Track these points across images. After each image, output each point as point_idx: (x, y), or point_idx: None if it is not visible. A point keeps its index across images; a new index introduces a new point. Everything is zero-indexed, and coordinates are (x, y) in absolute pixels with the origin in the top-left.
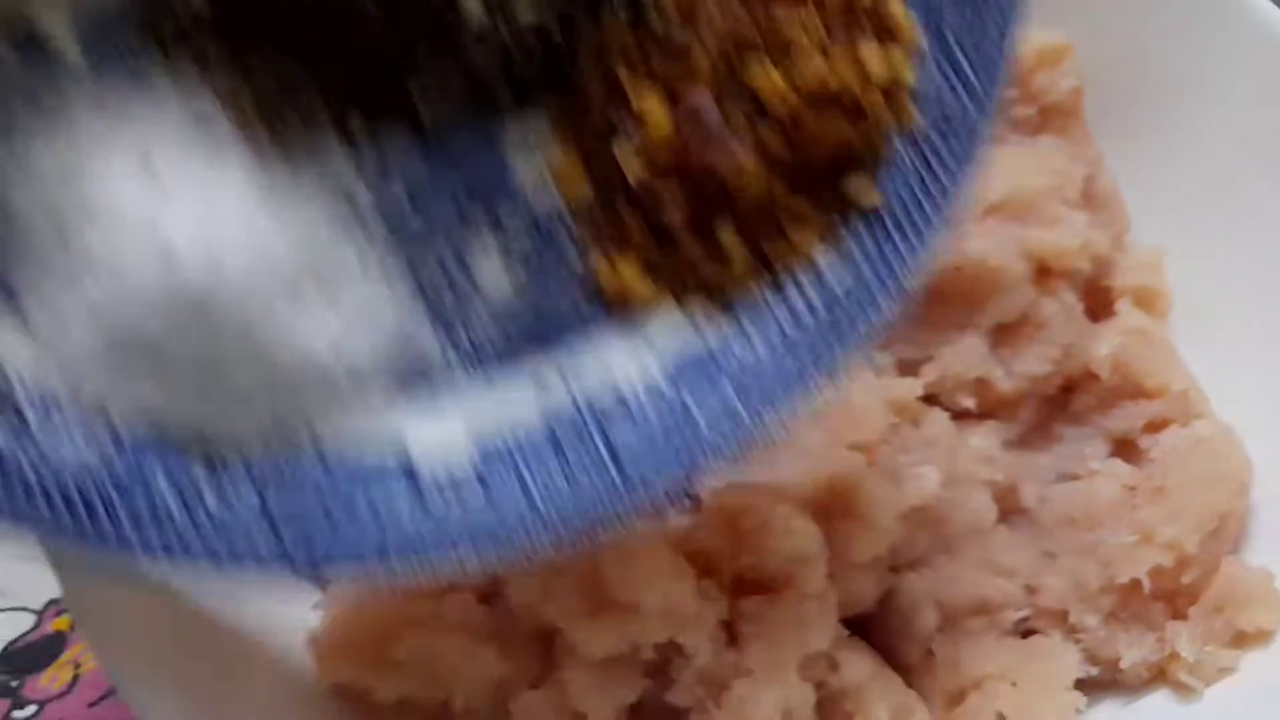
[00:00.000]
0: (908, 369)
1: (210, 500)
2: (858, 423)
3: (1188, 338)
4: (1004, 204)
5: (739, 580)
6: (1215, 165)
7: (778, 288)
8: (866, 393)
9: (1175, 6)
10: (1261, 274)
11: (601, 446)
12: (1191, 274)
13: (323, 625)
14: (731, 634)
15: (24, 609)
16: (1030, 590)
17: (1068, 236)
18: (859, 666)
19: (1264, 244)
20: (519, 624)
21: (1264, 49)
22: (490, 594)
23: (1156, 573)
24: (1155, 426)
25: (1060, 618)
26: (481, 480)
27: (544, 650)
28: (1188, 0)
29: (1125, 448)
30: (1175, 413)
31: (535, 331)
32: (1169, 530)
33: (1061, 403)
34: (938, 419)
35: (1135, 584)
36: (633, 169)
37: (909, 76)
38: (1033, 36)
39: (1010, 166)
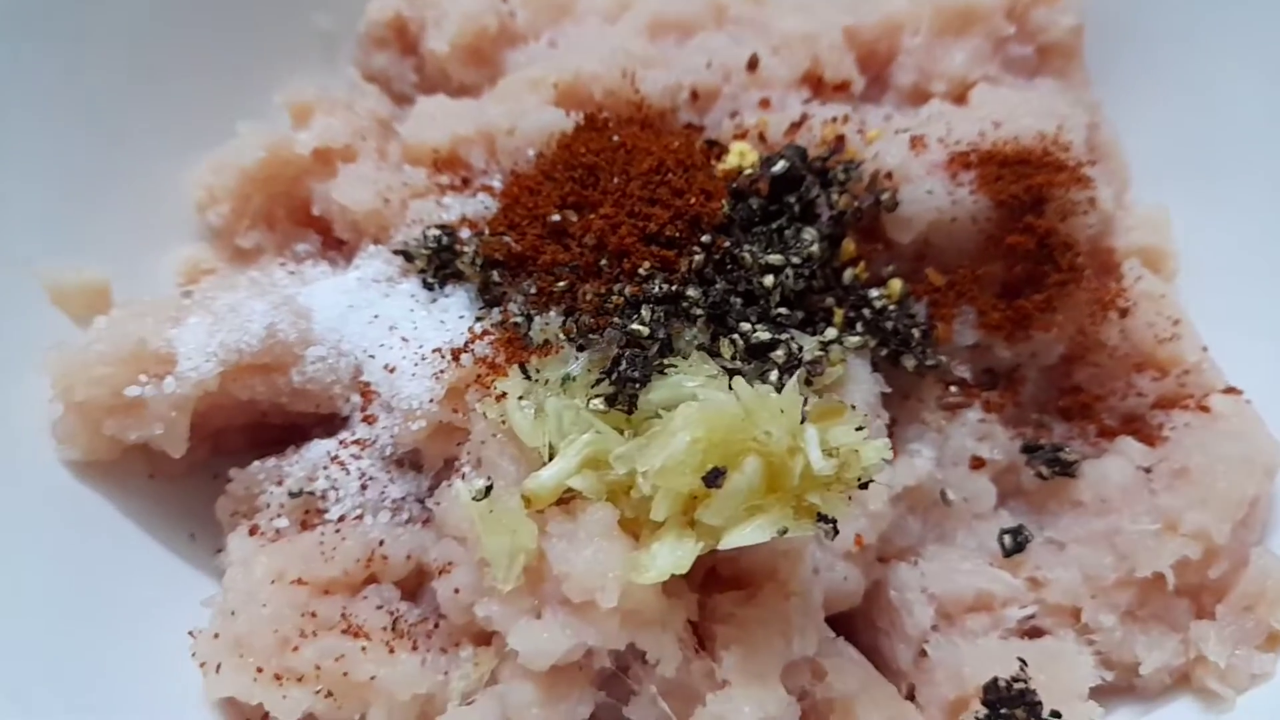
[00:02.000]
0: None
1: None
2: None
3: (1196, 300)
4: (999, 152)
5: (711, 573)
6: (1222, 115)
7: None
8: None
9: None
10: (1273, 232)
11: None
12: (1197, 232)
13: (210, 627)
14: (702, 637)
15: None
16: (1036, 584)
17: (1075, 191)
18: (848, 674)
19: (1275, 200)
20: (448, 626)
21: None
22: (415, 588)
23: (1182, 566)
24: (1168, 402)
25: (1071, 616)
26: None
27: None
28: None
29: (1136, 424)
30: (1189, 387)
31: None
32: (1195, 517)
33: (1064, 373)
34: (932, 390)
35: (1158, 578)
36: None
37: None
38: None
39: (1008, 109)
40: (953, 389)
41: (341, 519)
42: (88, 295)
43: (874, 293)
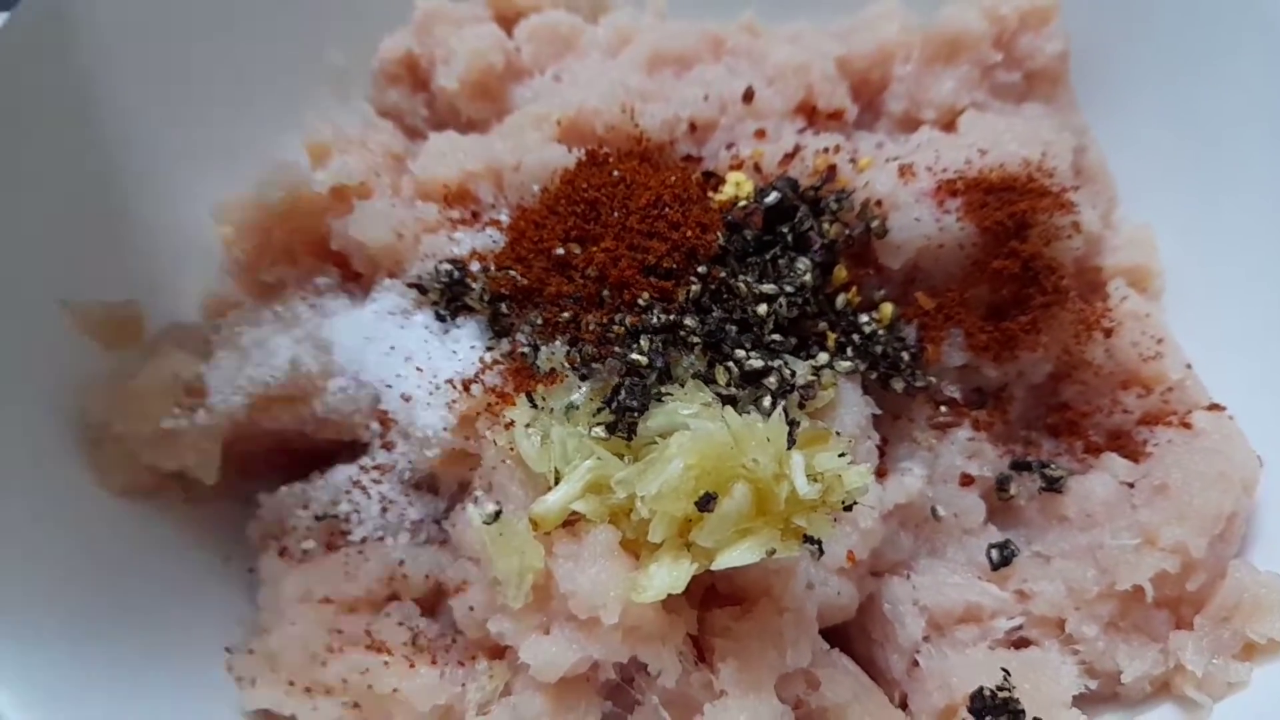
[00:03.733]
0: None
1: None
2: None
3: (1181, 318)
4: (984, 179)
5: (710, 590)
6: (1208, 135)
7: None
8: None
9: None
10: (1259, 251)
11: None
12: (1184, 250)
13: (244, 645)
14: (701, 650)
15: None
16: (1023, 596)
17: (1058, 216)
18: (841, 684)
19: (1261, 219)
20: (465, 641)
21: (1261, 19)
22: (433, 605)
23: (1160, 578)
24: (1153, 419)
25: (1056, 627)
26: None
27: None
28: None
29: (1121, 440)
30: (1173, 403)
31: None
32: (1173, 532)
33: (1052, 391)
34: (922, 410)
35: (1138, 591)
36: None
37: None
38: None
39: (995, 135)
40: (943, 409)
41: (364, 540)
42: (119, 326)
43: (865, 318)
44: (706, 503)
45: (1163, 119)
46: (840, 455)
